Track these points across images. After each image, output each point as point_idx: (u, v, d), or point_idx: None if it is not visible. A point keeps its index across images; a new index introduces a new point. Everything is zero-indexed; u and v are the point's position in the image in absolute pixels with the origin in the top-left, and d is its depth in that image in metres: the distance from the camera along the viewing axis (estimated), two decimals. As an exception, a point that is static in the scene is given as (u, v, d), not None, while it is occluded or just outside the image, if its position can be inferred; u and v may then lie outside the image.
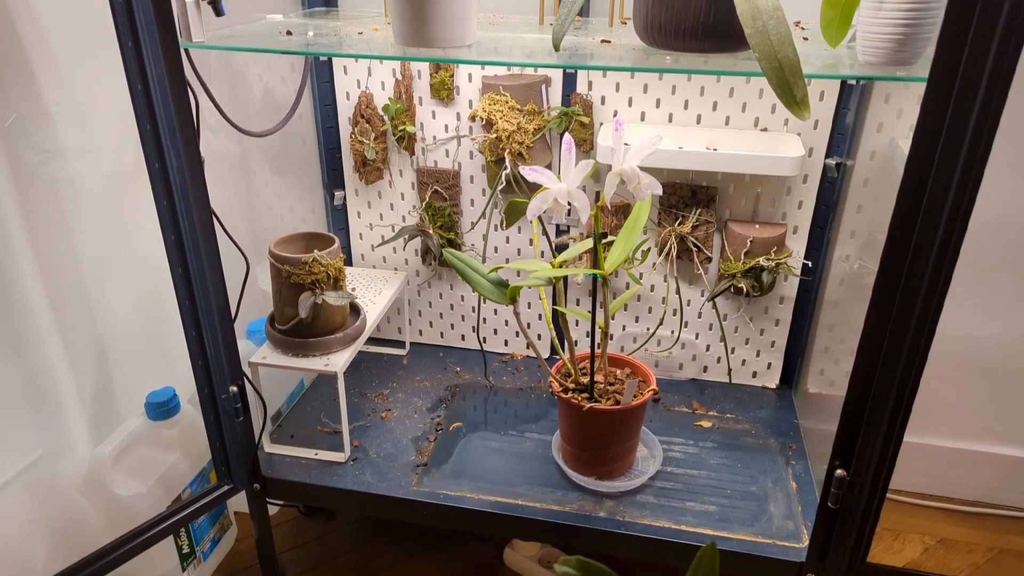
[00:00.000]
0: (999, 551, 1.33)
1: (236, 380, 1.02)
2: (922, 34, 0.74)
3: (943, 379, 1.34)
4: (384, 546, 1.34)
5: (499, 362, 1.46)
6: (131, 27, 0.77)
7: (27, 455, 0.95)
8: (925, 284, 0.74)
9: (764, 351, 1.36)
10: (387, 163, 1.35)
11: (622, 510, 1.08)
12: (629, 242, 0.98)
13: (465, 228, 1.38)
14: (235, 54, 1.18)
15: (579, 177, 0.90)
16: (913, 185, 0.70)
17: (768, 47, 0.70)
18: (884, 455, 0.85)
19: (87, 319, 1.02)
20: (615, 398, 1.08)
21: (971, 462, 1.40)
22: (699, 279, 1.31)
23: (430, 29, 0.83)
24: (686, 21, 0.80)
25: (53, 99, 0.92)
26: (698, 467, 1.17)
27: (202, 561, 1.21)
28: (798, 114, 0.71)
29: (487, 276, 1.05)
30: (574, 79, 1.22)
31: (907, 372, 0.79)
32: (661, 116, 1.21)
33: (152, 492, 1.07)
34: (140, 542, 0.99)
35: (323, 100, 1.32)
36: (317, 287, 1.09)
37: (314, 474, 1.15)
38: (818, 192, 1.21)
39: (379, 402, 1.33)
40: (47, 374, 0.98)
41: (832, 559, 0.95)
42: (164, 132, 0.83)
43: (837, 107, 1.15)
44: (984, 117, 0.65)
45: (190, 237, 0.90)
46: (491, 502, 1.10)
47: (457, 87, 1.26)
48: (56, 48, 0.91)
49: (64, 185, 0.95)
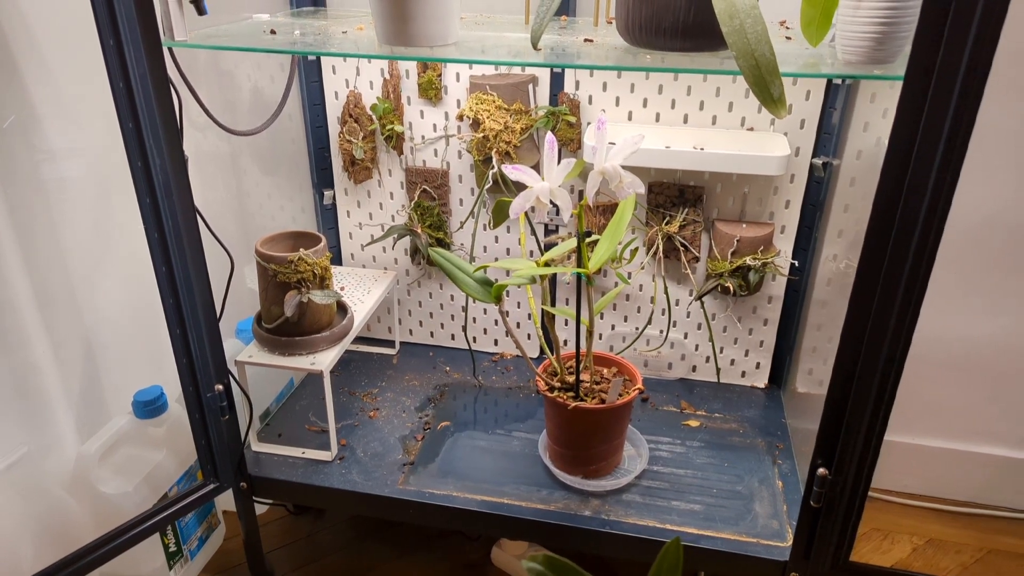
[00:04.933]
0: (988, 551, 1.32)
1: (222, 379, 1.02)
2: (900, 32, 0.74)
3: (933, 379, 1.34)
4: (373, 545, 1.34)
5: (489, 361, 1.46)
6: (112, 25, 0.78)
7: (12, 452, 0.95)
8: (904, 282, 0.74)
9: (753, 351, 1.36)
10: (376, 162, 1.35)
11: (608, 509, 1.08)
12: (614, 241, 0.98)
13: (454, 227, 1.38)
14: (223, 54, 1.18)
15: (561, 175, 0.90)
16: (891, 183, 0.71)
17: (745, 45, 0.70)
18: (866, 453, 0.85)
19: (75, 317, 1.02)
20: (601, 397, 1.08)
21: (961, 462, 1.40)
22: (687, 278, 1.31)
23: (411, 27, 0.83)
24: (667, 20, 0.80)
25: (40, 99, 0.92)
26: (685, 466, 1.17)
27: (189, 560, 1.21)
28: (775, 112, 0.71)
29: (473, 275, 1.05)
30: (561, 79, 1.22)
31: (888, 370, 0.79)
32: (648, 116, 1.22)
33: (138, 490, 1.07)
34: (125, 540, 0.99)
35: (312, 100, 1.32)
36: (303, 286, 1.09)
37: (301, 473, 1.15)
38: (805, 191, 1.21)
39: (368, 401, 1.33)
40: (34, 371, 0.98)
41: (816, 558, 0.95)
42: (147, 131, 0.84)
43: (823, 106, 1.15)
44: (960, 114, 0.65)
45: (174, 235, 0.90)
46: (477, 501, 1.10)
47: (445, 86, 1.26)
48: (43, 48, 0.91)
49: (52, 184, 0.96)
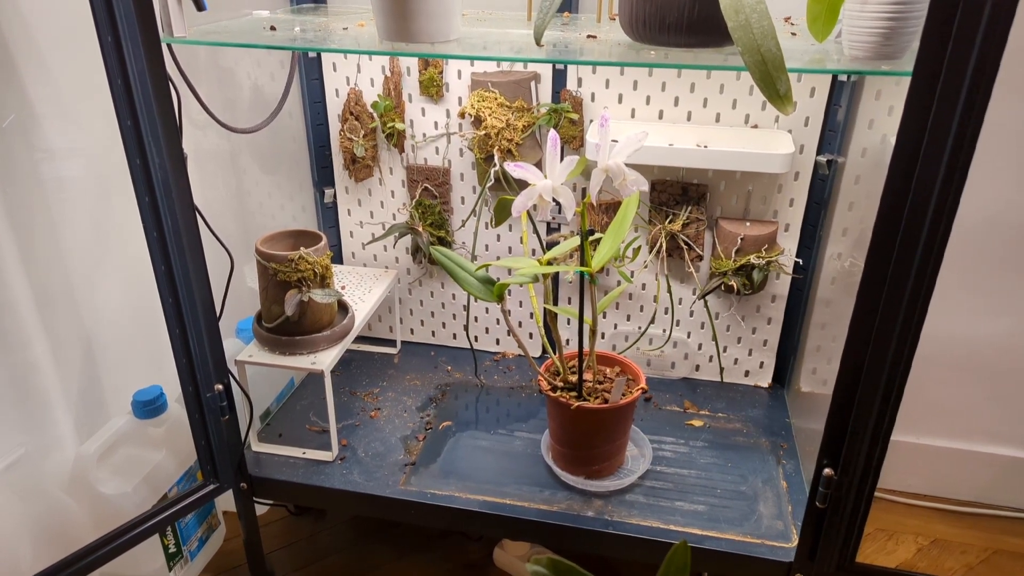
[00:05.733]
0: (993, 551, 1.32)
1: (221, 378, 1.01)
2: (908, 28, 0.73)
3: (938, 379, 1.33)
4: (374, 546, 1.33)
5: (491, 361, 1.45)
6: (111, 21, 0.77)
7: (11, 453, 0.95)
8: (911, 281, 0.73)
9: (756, 350, 1.35)
10: (377, 160, 1.34)
11: (611, 509, 1.07)
12: (617, 239, 0.97)
13: (455, 226, 1.37)
14: (223, 51, 1.17)
15: (564, 173, 0.89)
16: (899, 180, 0.70)
17: (751, 41, 0.69)
18: (872, 454, 0.84)
19: (74, 317, 1.02)
20: (604, 397, 1.07)
21: (966, 462, 1.39)
22: (690, 277, 1.30)
23: (413, 23, 0.83)
24: (671, 15, 0.79)
25: (40, 98, 0.91)
26: (688, 466, 1.16)
27: (189, 560, 1.20)
28: (781, 108, 0.70)
29: (474, 274, 1.04)
30: (564, 76, 1.21)
31: (894, 370, 0.78)
32: (651, 113, 1.21)
33: (137, 491, 1.07)
34: (124, 541, 0.99)
35: (312, 97, 1.31)
36: (303, 284, 1.08)
37: (301, 473, 1.14)
38: (809, 189, 1.20)
39: (369, 401, 1.32)
40: (33, 371, 0.97)
41: (821, 559, 0.94)
42: (145, 128, 0.83)
43: (828, 104, 1.14)
44: (969, 110, 0.64)
45: (173, 234, 0.89)
46: (479, 501, 1.09)
47: (446, 84, 1.25)
48: (43, 47, 0.90)
49: (51, 184, 0.95)
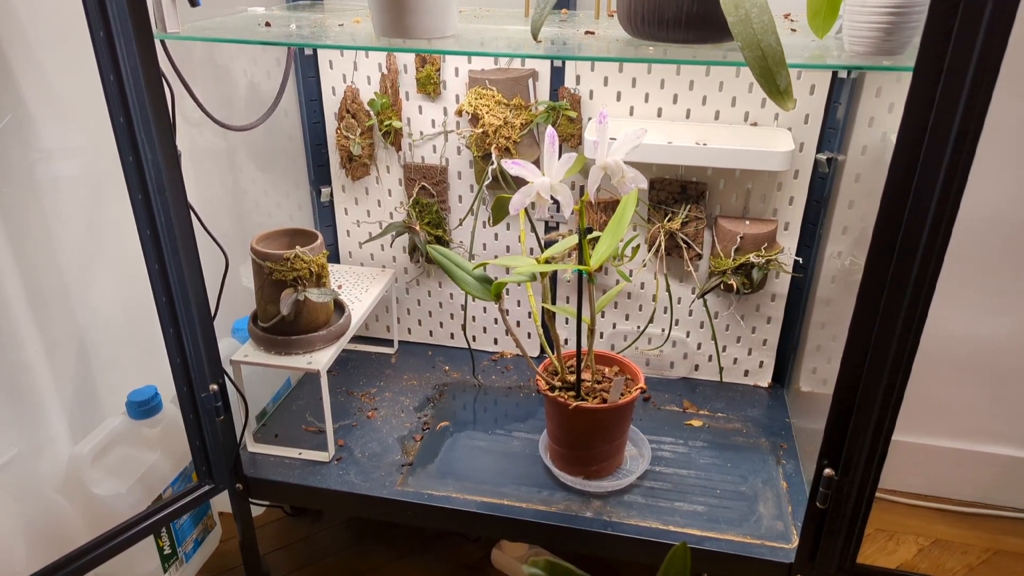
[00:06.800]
0: (994, 552, 1.31)
1: (216, 378, 1.00)
2: (909, 23, 0.72)
3: (939, 378, 1.32)
4: (371, 547, 1.32)
5: (488, 360, 1.44)
6: (103, 17, 0.76)
7: (3, 453, 0.94)
8: (912, 280, 0.72)
9: (756, 349, 1.34)
10: (374, 159, 1.33)
11: (609, 510, 1.06)
12: (615, 238, 0.96)
13: (453, 225, 1.36)
14: (219, 48, 1.16)
15: (562, 171, 0.88)
16: (900, 177, 0.69)
17: (751, 36, 0.68)
18: (873, 454, 0.83)
19: (68, 316, 1.01)
20: (602, 396, 1.07)
21: (967, 462, 1.38)
22: (689, 276, 1.29)
23: (409, 20, 0.82)
24: (669, 11, 0.78)
25: (34, 98, 0.90)
26: (687, 467, 1.15)
27: (184, 562, 1.19)
28: (781, 104, 0.69)
29: (472, 273, 1.03)
30: (562, 73, 1.20)
31: (895, 369, 0.77)
32: (650, 110, 1.20)
33: (132, 492, 1.06)
34: (119, 542, 0.98)
35: (308, 95, 1.30)
36: (299, 284, 1.08)
37: (297, 474, 1.13)
38: (809, 188, 1.19)
39: (366, 401, 1.31)
40: (26, 371, 0.96)
41: (821, 560, 0.93)
42: (138, 125, 0.82)
43: (828, 101, 1.13)
44: (972, 106, 0.64)
45: (166, 232, 0.88)
46: (477, 502, 1.08)
47: (443, 81, 1.24)
48: (37, 47, 0.89)
49: (45, 183, 0.94)
